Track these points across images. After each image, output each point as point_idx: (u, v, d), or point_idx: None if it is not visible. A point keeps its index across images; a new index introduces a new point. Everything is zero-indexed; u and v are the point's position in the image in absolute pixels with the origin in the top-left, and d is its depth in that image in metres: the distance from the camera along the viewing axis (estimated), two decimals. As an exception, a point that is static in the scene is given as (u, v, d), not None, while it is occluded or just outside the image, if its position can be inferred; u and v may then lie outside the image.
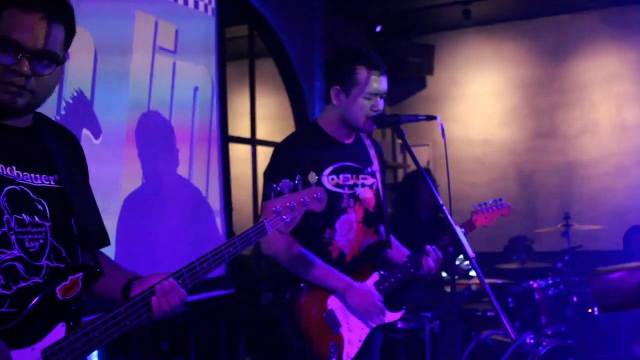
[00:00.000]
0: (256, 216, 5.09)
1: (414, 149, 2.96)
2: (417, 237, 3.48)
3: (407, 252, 3.30)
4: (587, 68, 7.66)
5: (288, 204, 2.13)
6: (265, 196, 3.09)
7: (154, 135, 4.28)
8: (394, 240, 3.39)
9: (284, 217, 2.13)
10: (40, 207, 1.85)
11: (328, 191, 3.01)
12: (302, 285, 3.02)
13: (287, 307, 3.03)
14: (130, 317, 1.89)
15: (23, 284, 1.79)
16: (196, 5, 4.70)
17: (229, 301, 5.03)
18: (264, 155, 3.16)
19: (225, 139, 5.14)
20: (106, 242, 2.15)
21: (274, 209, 2.12)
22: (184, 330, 4.71)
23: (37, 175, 1.88)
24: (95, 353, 4.01)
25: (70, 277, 1.84)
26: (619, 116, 7.50)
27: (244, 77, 6.30)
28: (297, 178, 2.21)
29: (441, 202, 2.81)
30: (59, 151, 1.96)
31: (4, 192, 1.79)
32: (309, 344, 2.95)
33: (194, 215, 4.60)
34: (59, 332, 1.81)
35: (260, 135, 6.29)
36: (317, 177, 2.24)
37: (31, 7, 1.76)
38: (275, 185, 2.16)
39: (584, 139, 7.64)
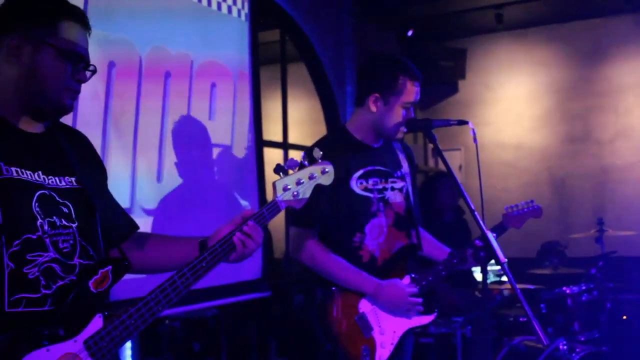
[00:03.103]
0: (287, 219, 5.12)
1: (445, 154, 2.96)
2: (440, 239, 3.47)
3: (447, 249, 3.30)
4: (621, 72, 7.58)
5: (296, 179, 2.20)
6: None
7: (189, 138, 4.33)
8: (432, 239, 3.39)
9: (295, 192, 2.20)
10: (65, 209, 1.96)
11: (357, 195, 3.05)
12: (333, 288, 3.04)
13: (319, 310, 3.04)
14: (169, 295, 2.00)
15: (61, 283, 1.90)
16: (229, 10, 4.75)
17: (260, 303, 5.06)
18: (296, 159, 3.20)
19: (260, 143, 5.17)
20: (136, 227, 2.30)
21: (283, 186, 2.18)
22: (215, 332, 4.74)
23: (61, 178, 1.99)
24: (128, 353, 4.06)
25: (100, 271, 1.94)
26: (654, 120, 7.41)
27: (276, 82, 6.33)
28: (302, 156, 2.27)
29: (473, 206, 2.81)
30: (74, 153, 2.07)
31: (35, 197, 1.90)
32: (341, 347, 2.97)
33: (230, 218, 4.63)
34: (97, 323, 1.92)
35: (292, 139, 6.32)
36: (321, 153, 2.29)
37: (83, 22, 2.01)
38: (283, 165, 2.21)
39: (618, 143, 7.56)
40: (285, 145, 6.20)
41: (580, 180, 7.71)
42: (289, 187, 2.18)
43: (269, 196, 5.50)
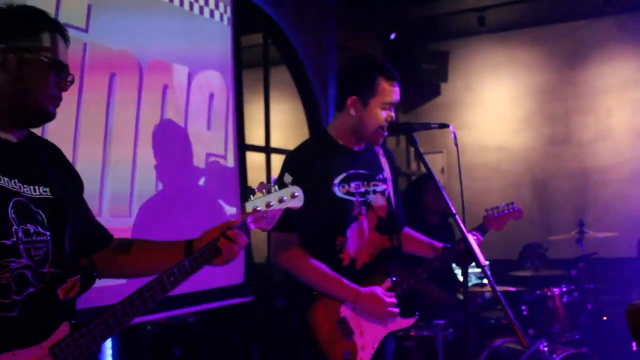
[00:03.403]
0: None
1: (427, 157, 2.99)
2: None
3: (437, 244, 3.33)
4: (602, 74, 7.64)
5: (266, 202, 2.26)
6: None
7: (168, 142, 4.32)
8: (419, 236, 3.41)
9: (265, 215, 2.27)
10: (39, 217, 2.00)
11: (339, 199, 3.06)
12: (315, 292, 3.04)
13: (301, 314, 3.05)
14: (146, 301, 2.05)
15: (31, 290, 1.94)
16: (212, 14, 4.74)
17: (242, 307, 5.04)
18: (279, 163, 3.21)
19: (242, 147, 5.16)
20: (111, 238, 2.36)
21: (253, 207, 2.24)
22: (197, 337, 4.73)
23: (35, 187, 2.03)
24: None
25: (69, 280, 2.02)
26: (634, 122, 7.47)
27: (259, 85, 6.33)
28: (272, 180, 2.33)
29: (454, 210, 2.83)
30: (48, 163, 2.13)
31: (11, 204, 1.94)
32: (323, 351, 2.97)
33: (210, 224, 4.62)
34: (63, 330, 1.97)
35: (274, 142, 6.31)
36: (291, 178, 2.34)
37: (63, 34, 2.09)
38: (254, 188, 2.27)
39: (598, 145, 7.62)
40: (267, 149, 6.19)
41: (561, 181, 7.76)
42: (258, 208, 2.24)
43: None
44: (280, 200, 2.28)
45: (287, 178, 2.33)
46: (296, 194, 2.33)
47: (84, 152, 3.59)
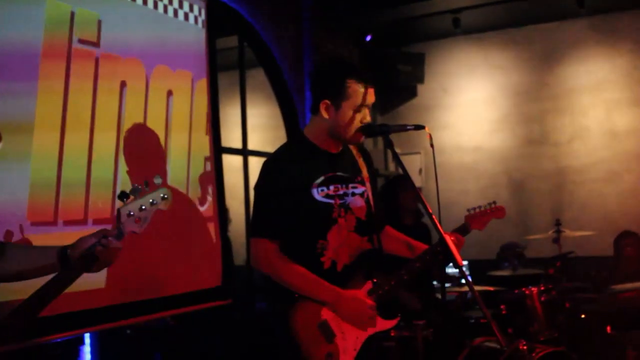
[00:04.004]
0: (248, 226, 5.11)
1: (405, 158, 3.00)
2: None
3: (420, 245, 3.31)
4: (577, 74, 7.71)
5: (139, 206, 2.29)
6: (256, 211, 3.11)
7: (144, 146, 4.30)
8: (400, 236, 3.41)
9: (137, 218, 2.30)
10: None
11: (318, 202, 3.05)
12: (295, 295, 3.03)
13: (281, 318, 3.03)
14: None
15: None
16: (186, 17, 4.72)
17: (222, 311, 5.02)
18: (256, 165, 3.20)
19: (219, 149, 5.14)
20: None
21: (127, 212, 2.28)
22: (177, 341, 4.70)
23: None
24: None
25: None
26: (609, 122, 7.54)
27: (235, 88, 6.31)
28: (144, 183, 2.36)
29: (430, 210, 2.83)
30: None
31: None
32: (304, 354, 2.95)
33: (188, 226, 4.60)
34: None
35: (252, 145, 6.30)
36: (161, 179, 2.39)
37: None
38: (127, 192, 2.30)
39: (574, 145, 7.68)
40: (244, 152, 6.17)
41: (538, 181, 7.82)
42: (132, 213, 2.28)
43: (228, 203, 5.50)
44: (152, 203, 2.32)
45: (158, 179, 2.38)
46: (165, 196, 2.37)
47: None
